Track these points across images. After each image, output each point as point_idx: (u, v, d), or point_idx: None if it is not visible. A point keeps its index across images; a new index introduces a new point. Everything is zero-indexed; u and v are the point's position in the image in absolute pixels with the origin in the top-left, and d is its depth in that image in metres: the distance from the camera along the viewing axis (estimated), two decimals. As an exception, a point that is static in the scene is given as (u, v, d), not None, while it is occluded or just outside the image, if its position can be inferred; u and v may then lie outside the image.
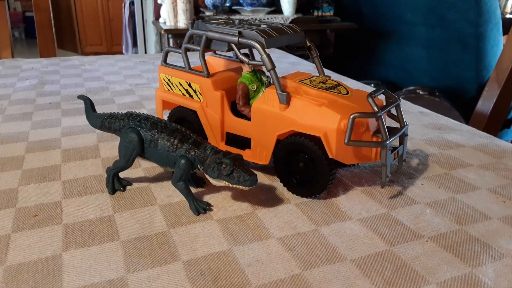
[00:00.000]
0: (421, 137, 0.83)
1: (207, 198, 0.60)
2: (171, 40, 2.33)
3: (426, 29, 2.29)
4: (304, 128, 0.57)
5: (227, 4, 2.52)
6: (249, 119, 0.63)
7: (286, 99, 0.58)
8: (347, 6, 2.75)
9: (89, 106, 0.66)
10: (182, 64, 0.68)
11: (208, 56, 0.77)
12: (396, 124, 0.61)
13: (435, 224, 0.54)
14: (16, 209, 0.57)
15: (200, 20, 0.68)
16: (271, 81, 0.62)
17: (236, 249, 0.49)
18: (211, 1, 2.43)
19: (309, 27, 2.47)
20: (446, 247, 0.50)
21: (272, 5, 2.55)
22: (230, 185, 0.53)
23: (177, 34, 2.30)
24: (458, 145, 0.80)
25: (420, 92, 2.16)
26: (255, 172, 0.55)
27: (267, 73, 0.64)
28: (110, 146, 0.77)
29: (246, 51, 0.71)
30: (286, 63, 1.49)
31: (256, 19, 0.73)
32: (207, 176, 0.55)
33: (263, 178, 0.65)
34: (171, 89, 0.71)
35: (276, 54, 1.64)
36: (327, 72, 1.08)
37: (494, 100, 1.82)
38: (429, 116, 0.97)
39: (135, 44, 3.90)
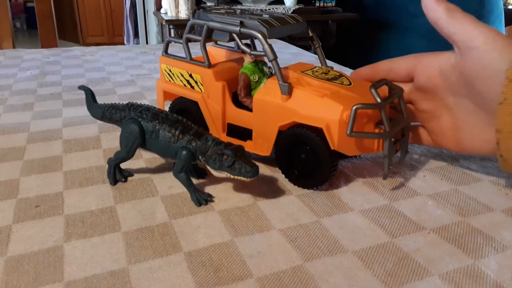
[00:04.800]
0: (423, 128, 0.83)
1: (209, 189, 0.60)
2: (172, 31, 2.32)
3: (428, 20, 2.28)
4: (306, 119, 0.57)
5: (229, -6, 2.51)
6: (250, 110, 0.62)
7: (288, 90, 0.58)
8: (349, -4, 2.73)
9: (90, 96, 0.66)
10: (183, 55, 0.68)
11: (210, 46, 0.77)
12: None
13: (437, 216, 0.54)
14: (17, 200, 0.57)
15: (201, 10, 0.67)
16: (273, 71, 0.61)
17: (238, 240, 0.49)
18: (213, -8, 2.42)
19: (310, 17, 2.46)
20: (448, 239, 0.50)
21: (274, -5, 2.54)
22: (232, 176, 0.53)
23: (178, 25, 2.30)
24: (460, 137, 0.79)
25: (422, 84, 2.15)
26: (257, 163, 0.55)
27: (269, 64, 0.64)
28: (111, 137, 0.76)
29: (248, 41, 0.71)
30: (288, 54, 1.48)
31: (257, 9, 0.72)
32: (208, 167, 0.55)
33: (264, 170, 0.65)
34: (172, 79, 0.70)
35: (278, 45, 1.63)
36: (329, 63, 1.07)
37: (497, 92, 1.81)
38: (431, 107, 0.96)
39: (136, 34, 3.89)
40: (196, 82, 0.67)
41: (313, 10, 2.54)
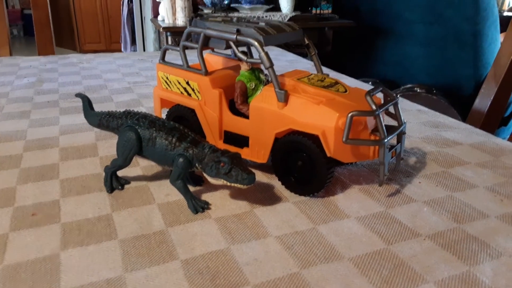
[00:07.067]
0: (418, 135, 0.83)
1: (205, 196, 0.60)
2: (169, 38, 2.33)
3: (423, 26, 2.29)
4: (302, 127, 0.57)
5: (226, 2, 2.51)
6: (247, 117, 0.63)
7: (284, 97, 0.58)
8: (345, 3, 2.74)
9: (87, 104, 0.66)
10: (180, 62, 0.68)
11: (206, 54, 0.77)
12: (394, 123, 0.61)
13: (433, 223, 0.55)
14: (14, 208, 0.56)
15: (198, 18, 0.68)
16: (269, 79, 0.62)
17: (234, 247, 0.49)
18: (209, -1, 2.43)
19: (307, 25, 2.47)
20: (443, 246, 0.50)
21: (271, 2, 2.55)
22: (228, 183, 0.53)
23: (175, 32, 2.30)
24: (455, 143, 0.80)
25: (418, 90, 2.16)
26: (253, 170, 0.55)
27: (265, 71, 0.64)
28: (108, 145, 0.76)
29: (244, 49, 0.71)
30: (284, 61, 1.49)
31: (254, 16, 0.73)
32: (205, 174, 0.55)
33: (261, 177, 0.65)
34: (169, 87, 0.71)
35: (274, 52, 1.64)
36: (325, 70, 1.08)
37: (492, 98, 1.82)
38: (426, 114, 0.97)
39: (133, 42, 3.89)
40: (193, 90, 0.67)
41: (309, 17, 2.55)
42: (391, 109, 0.62)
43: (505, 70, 1.78)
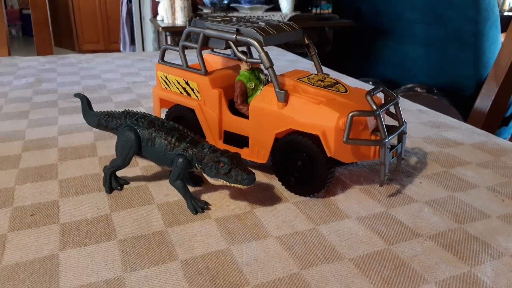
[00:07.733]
0: (419, 135, 0.83)
1: (205, 197, 0.60)
2: (168, 38, 2.33)
3: (424, 27, 2.29)
4: (302, 127, 0.57)
5: (225, 2, 2.51)
6: (247, 117, 0.62)
7: (284, 97, 0.58)
8: (345, 3, 2.74)
9: (86, 104, 0.66)
10: (179, 62, 0.68)
11: (206, 53, 0.77)
12: (394, 122, 0.61)
13: (434, 223, 0.54)
14: (13, 208, 0.56)
15: (197, 18, 0.67)
16: (269, 79, 0.61)
17: (234, 248, 0.49)
18: (209, -1, 2.43)
19: (307, 24, 2.47)
20: (444, 246, 0.50)
21: (270, 2, 2.55)
22: (228, 184, 0.53)
23: (174, 32, 2.30)
24: (456, 143, 0.79)
25: (419, 90, 2.16)
26: (253, 170, 0.55)
27: (265, 71, 0.64)
28: (107, 145, 0.76)
29: (244, 48, 0.71)
30: (284, 61, 1.49)
31: (254, 16, 0.73)
32: (205, 175, 0.55)
33: (261, 177, 0.65)
34: (169, 87, 0.70)
35: (274, 52, 1.63)
36: (326, 70, 1.08)
37: (493, 98, 1.82)
38: (427, 114, 0.97)
39: (132, 42, 3.89)
40: (192, 90, 0.67)
41: (309, 17, 2.55)
42: (392, 109, 0.62)
43: (505, 71, 1.78)
